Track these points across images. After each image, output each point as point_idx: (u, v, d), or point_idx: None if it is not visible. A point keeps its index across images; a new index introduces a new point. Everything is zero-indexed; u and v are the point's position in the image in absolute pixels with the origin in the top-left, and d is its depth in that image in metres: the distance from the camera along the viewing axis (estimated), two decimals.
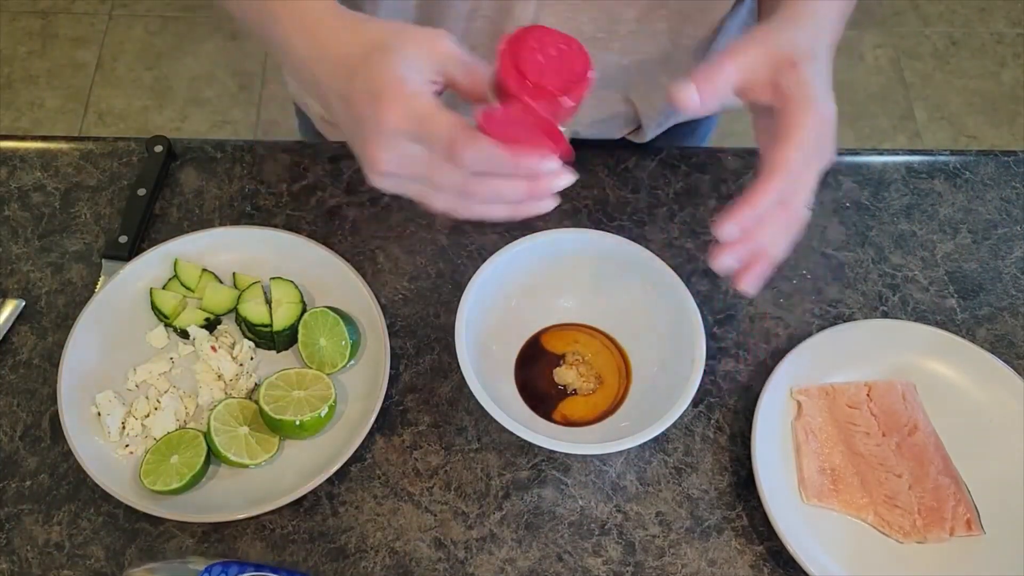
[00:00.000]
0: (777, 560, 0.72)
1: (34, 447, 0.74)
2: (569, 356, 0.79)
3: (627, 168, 0.91)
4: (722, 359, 0.81)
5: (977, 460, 0.76)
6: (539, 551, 0.72)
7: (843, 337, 0.79)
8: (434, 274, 0.84)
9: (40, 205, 0.86)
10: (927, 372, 0.79)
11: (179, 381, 0.77)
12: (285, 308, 0.78)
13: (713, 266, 0.60)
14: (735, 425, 0.78)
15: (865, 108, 2.22)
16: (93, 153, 0.89)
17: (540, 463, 0.75)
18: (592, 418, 0.76)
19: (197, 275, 0.80)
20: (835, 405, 0.78)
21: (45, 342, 0.79)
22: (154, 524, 0.71)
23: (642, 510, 0.74)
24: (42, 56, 2.21)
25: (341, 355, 0.76)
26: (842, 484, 0.74)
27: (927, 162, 0.94)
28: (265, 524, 0.72)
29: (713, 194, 0.90)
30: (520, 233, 0.84)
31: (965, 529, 0.72)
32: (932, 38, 2.35)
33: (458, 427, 0.77)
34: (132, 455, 0.73)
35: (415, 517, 0.73)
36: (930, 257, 0.87)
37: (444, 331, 0.81)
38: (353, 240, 0.85)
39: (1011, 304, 0.85)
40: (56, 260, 0.83)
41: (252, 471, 0.73)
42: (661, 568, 0.72)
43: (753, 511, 0.74)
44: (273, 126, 2.15)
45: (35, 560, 0.70)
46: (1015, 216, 0.90)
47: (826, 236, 0.88)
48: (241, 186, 0.88)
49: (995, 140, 2.19)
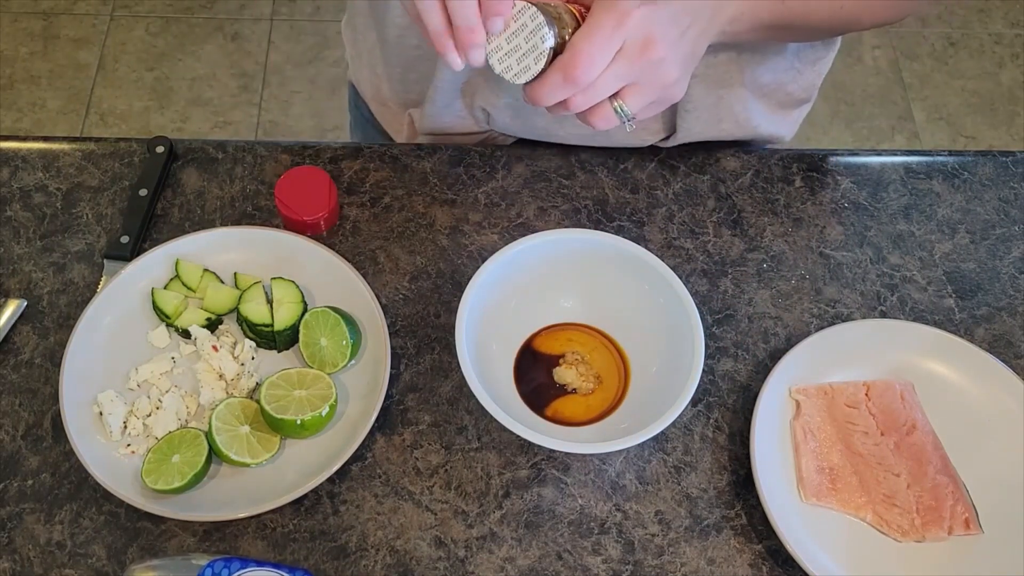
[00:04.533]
0: (776, 559, 0.72)
1: (36, 446, 0.75)
2: (568, 356, 0.79)
3: (626, 169, 0.91)
4: (721, 359, 0.81)
5: (975, 459, 0.76)
6: (539, 550, 0.72)
7: (841, 337, 0.80)
8: (434, 274, 0.84)
9: (42, 205, 0.86)
10: (925, 372, 0.79)
11: (181, 381, 0.78)
12: (286, 308, 0.78)
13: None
14: (734, 424, 0.78)
15: (863, 109, 2.22)
16: (95, 154, 0.90)
17: (540, 462, 0.76)
18: (591, 417, 0.76)
19: (198, 275, 0.81)
20: (834, 404, 0.78)
21: (47, 342, 0.79)
22: (155, 523, 0.72)
23: (641, 509, 0.74)
24: (44, 57, 2.22)
25: (342, 355, 0.76)
26: (840, 483, 0.75)
27: (925, 162, 0.94)
28: (266, 523, 0.72)
29: (712, 194, 0.90)
30: (520, 233, 0.85)
31: (963, 528, 0.72)
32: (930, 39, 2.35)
33: (458, 426, 0.77)
34: (134, 454, 0.73)
35: (415, 516, 0.73)
36: (928, 257, 0.88)
37: (444, 331, 0.81)
38: (354, 240, 0.85)
39: (1009, 304, 0.86)
40: (58, 260, 0.83)
41: (253, 470, 0.73)
42: (660, 567, 0.72)
43: (752, 510, 0.74)
44: (274, 126, 2.15)
45: (37, 559, 0.70)
46: (1013, 216, 0.91)
47: (825, 236, 0.88)
48: (242, 186, 0.88)
49: (993, 140, 2.20)
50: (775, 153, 0.93)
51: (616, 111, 0.66)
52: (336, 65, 2.25)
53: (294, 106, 2.19)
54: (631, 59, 0.64)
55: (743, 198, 0.90)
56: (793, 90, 0.92)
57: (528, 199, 0.88)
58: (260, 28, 2.30)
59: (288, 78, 2.23)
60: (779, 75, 0.89)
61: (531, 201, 0.88)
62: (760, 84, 0.88)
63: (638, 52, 0.64)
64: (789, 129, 0.97)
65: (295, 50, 2.27)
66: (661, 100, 0.68)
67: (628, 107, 0.66)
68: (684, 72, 0.68)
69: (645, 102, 0.67)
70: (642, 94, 0.66)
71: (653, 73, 0.65)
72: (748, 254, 0.87)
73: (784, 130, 0.96)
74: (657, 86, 0.66)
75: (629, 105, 0.66)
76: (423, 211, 0.87)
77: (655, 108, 0.69)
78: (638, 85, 0.65)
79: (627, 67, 0.64)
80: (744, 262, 0.86)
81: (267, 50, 2.27)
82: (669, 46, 0.65)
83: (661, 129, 0.90)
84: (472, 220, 0.87)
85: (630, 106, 0.66)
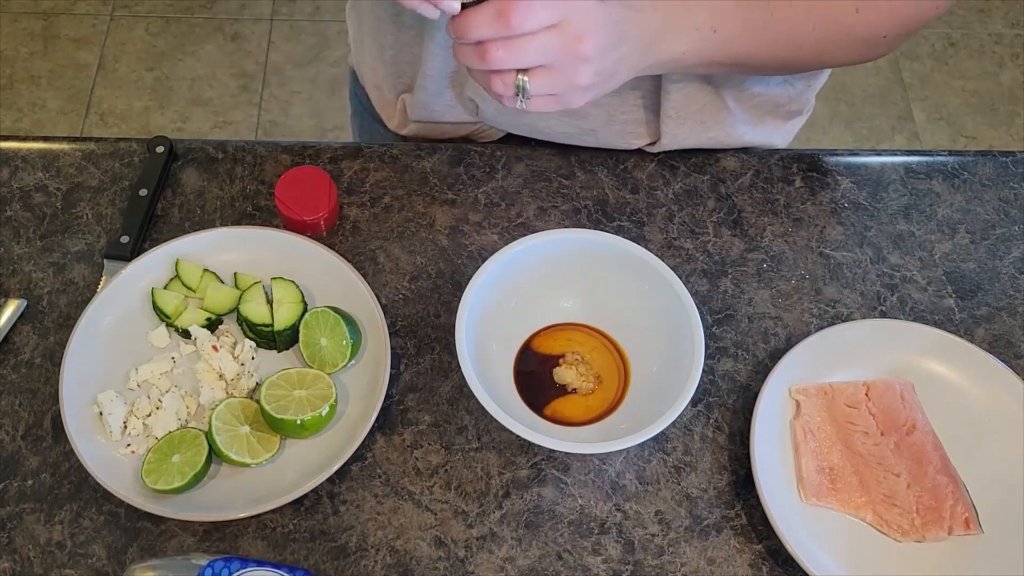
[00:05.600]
0: (776, 559, 0.72)
1: (36, 446, 0.75)
2: (568, 356, 0.79)
3: (626, 169, 0.91)
4: (721, 359, 0.81)
5: (975, 459, 0.76)
6: (539, 550, 0.72)
7: (841, 337, 0.80)
8: (434, 274, 0.84)
9: (42, 205, 0.87)
10: (925, 372, 0.79)
11: (180, 381, 0.78)
12: (286, 308, 0.78)
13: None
14: (734, 424, 0.78)
15: (863, 109, 2.22)
16: (95, 154, 0.90)
17: (540, 462, 0.76)
18: (591, 417, 0.76)
19: (198, 275, 0.81)
20: (834, 404, 0.78)
21: (47, 342, 0.79)
22: (155, 523, 0.72)
23: (641, 509, 0.74)
24: (44, 57, 2.22)
25: (342, 355, 0.76)
26: (840, 483, 0.75)
27: (925, 163, 0.94)
28: (266, 523, 0.72)
29: (712, 194, 0.90)
30: (520, 233, 0.85)
31: (963, 528, 0.72)
32: (930, 39, 2.35)
33: (458, 426, 0.77)
34: (134, 454, 0.73)
35: (415, 516, 0.73)
36: (928, 257, 0.88)
37: (444, 331, 0.81)
38: (354, 240, 0.85)
39: (1009, 304, 0.86)
40: (58, 260, 0.83)
41: (253, 470, 0.73)
42: (660, 567, 0.72)
43: (752, 510, 0.74)
44: (274, 126, 2.16)
45: (37, 559, 0.70)
46: (1013, 216, 0.91)
47: (825, 236, 0.88)
48: (242, 186, 0.88)
49: (993, 140, 2.20)
50: (775, 153, 0.93)
51: (518, 85, 0.64)
52: (336, 65, 2.25)
53: (294, 106, 2.19)
54: (561, 41, 0.63)
55: (743, 198, 0.90)
56: (784, 102, 0.91)
57: (528, 199, 0.89)
58: (260, 28, 2.30)
59: (288, 78, 2.23)
60: (769, 88, 0.88)
61: (531, 201, 0.88)
62: (747, 95, 0.88)
63: (570, 38, 0.63)
64: (782, 139, 0.97)
65: (295, 50, 2.27)
66: (561, 97, 0.67)
67: (531, 86, 0.64)
68: (596, 83, 0.67)
69: (548, 90, 0.65)
70: (551, 81, 0.65)
71: (571, 66, 0.64)
72: (748, 254, 0.87)
73: (776, 140, 0.96)
74: (567, 81, 0.65)
75: (533, 85, 0.64)
76: (423, 211, 0.87)
77: (552, 102, 0.67)
78: (551, 70, 0.64)
79: (554, 46, 0.63)
80: (744, 262, 0.86)
81: (267, 50, 2.27)
82: (599, 50, 0.64)
83: (646, 134, 0.90)
84: (472, 220, 0.87)
85: (533, 87, 0.65)
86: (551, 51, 0.63)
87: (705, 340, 0.74)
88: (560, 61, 0.64)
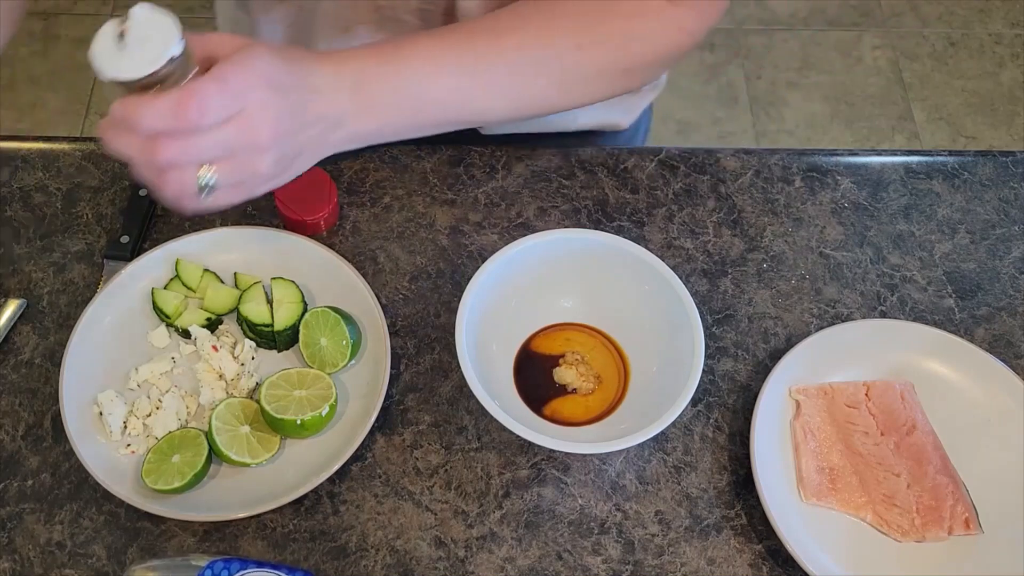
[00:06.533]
0: (776, 559, 0.72)
1: (36, 446, 0.75)
2: (568, 356, 0.79)
3: (626, 169, 0.91)
4: (721, 359, 0.81)
5: (975, 459, 0.76)
6: (539, 550, 0.72)
7: (841, 337, 0.80)
8: (434, 274, 0.84)
9: (42, 205, 0.86)
10: (925, 372, 0.79)
11: (181, 381, 0.78)
12: (286, 308, 0.78)
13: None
14: (734, 424, 0.78)
15: (863, 109, 2.22)
16: (95, 153, 0.90)
17: (540, 462, 0.76)
18: (591, 417, 0.76)
19: (198, 275, 0.81)
20: (834, 404, 0.78)
21: (47, 342, 0.79)
22: (155, 523, 0.72)
23: (641, 509, 0.74)
24: (44, 57, 2.22)
25: (342, 355, 0.76)
26: (840, 483, 0.75)
27: (925, 163, 0.94)
28: (266, 523, 0.72)
29: (712, 194, 0.90)
30: (520, 233, 0.85)
31: (963, 528, 0.72)
32: (931, 39, 2.35)
33: (458, 426, 0.77)
34: (134, 454, 0.73)
35: (415, 516, 0.73)
36: (928, 257, 0.88)
37: (444, 331, 0.81)
38: (354, 240, 0.85)
39: (1009, 304, 0.86)
40: (58, 260, 0.83)
41: (253, 470, 0.73)
42: (660, 567, 0.72)
43: (752, 510, 0.74)
44: None
45: (37, 559, 0.70)
46: (1013, 216, 0.91)
47: (824, 236, 0.88)
48: None
49: (993, 141, 2.20)
50: (775, 153, 0.93)
51: (201, 181, 0.61)
52: None
53: None
54: (238, 131, 0.60)
55: (743, 198, 0.90)
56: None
57: (528, 199, 0.89)
58: None
59: None
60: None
61: (531, 201, 0.88)
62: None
63: (246, 129, 0.60)
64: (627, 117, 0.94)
65: None
66: (246, 185, 0.64)
67: (219, 179, 0.61)
68: (277, 172, 0.64)
69: (233, 180, 0.62)
70: (233, 170, 0.62)
71: (250, 155, 0.62)
72: (748, 254, 0.87)
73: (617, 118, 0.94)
74: (249, 170, 0.63)
75: (220, 178, 0.61)
76: (423, 211, 0.87)
77: (237, 192, 0.64)
78: (233, 159, 0.61)
79: (232, 137, 0.60)
80: (744, 262, 0.86)
81: None
82: (276, 138, 0.62)
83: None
84: (472, 220, 0.87)
85: (221, 178, 0.61)
86: (230, 142, 0.60)
87: (705, 340, 0.74)
88: (239, 151, 0.61)
